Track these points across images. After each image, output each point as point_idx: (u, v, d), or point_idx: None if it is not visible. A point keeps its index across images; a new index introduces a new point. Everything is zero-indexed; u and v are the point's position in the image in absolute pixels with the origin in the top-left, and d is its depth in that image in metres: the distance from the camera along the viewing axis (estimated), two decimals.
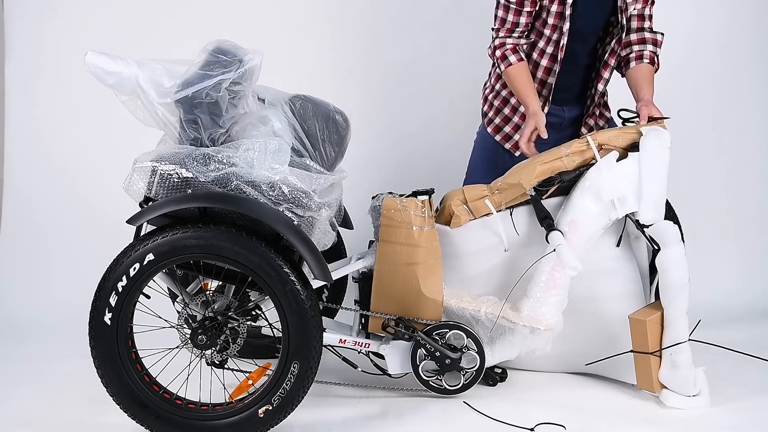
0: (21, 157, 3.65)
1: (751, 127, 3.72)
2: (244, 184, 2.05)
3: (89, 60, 2.05)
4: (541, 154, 2.44)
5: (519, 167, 2.47)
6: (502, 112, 2.78)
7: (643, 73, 2.58)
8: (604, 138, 2.39)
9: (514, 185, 2.41)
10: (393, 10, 3.65)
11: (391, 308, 2.37)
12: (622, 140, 2.39)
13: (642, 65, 2.59)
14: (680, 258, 2.32)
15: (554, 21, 2.56)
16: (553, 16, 2.55)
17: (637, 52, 2.62)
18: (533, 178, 2.39)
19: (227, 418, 2.08)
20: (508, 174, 2.47)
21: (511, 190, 2.41)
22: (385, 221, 2.36)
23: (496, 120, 2.80)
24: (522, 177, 2.40)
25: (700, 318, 2.45)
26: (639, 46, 2.63)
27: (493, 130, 2.80)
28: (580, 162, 2.39)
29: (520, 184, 2.39)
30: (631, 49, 2.63)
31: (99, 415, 2.28)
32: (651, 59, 2.61)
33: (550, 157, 2.40)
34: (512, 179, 2.42)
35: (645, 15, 2.63)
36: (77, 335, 2.48)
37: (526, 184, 2.38)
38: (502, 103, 2.78)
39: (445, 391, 2.39)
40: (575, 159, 2.39)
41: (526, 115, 2.57)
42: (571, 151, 2.39)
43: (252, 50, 2.10)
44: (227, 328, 2.14)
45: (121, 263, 2.02)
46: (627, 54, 2.64)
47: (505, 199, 2.43)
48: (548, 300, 2.33)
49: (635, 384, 2.42)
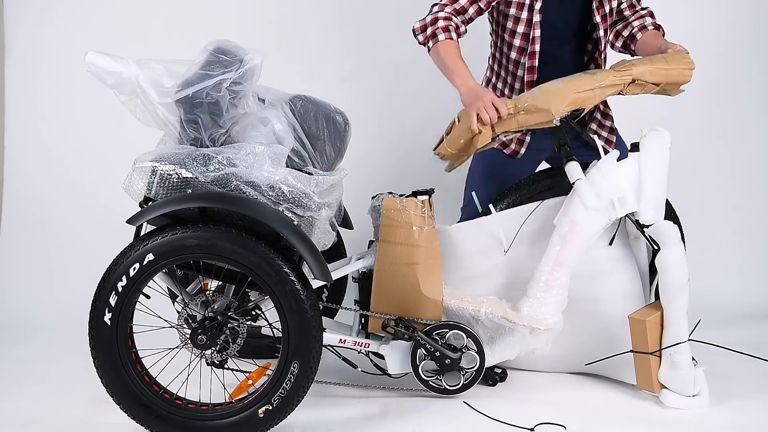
0: (21, 157, 3.65)
1: (751, 127, 3.72)
2: (243, 184, 2.05)
3: (89, 60, 2.06)
4: (575, 82, 2.35)
5: (551, 91, 2.34)
6: None
7: (653, 35, 2.61)
8: (638, 71, 2.34)
9: (542, 110, 2.31)
10: (393, 10, 3.65)
11: (391, 308, 2.37)
12: (655, 76, 2.36)
13: (648, 32, 2.63)
14: (680, 258, 2.32)
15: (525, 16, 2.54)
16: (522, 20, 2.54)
17: (639, 26, 2.66)
18: (564, 107, 2.31)
19: (227, 418, 2.08)
20: (537, 95, 2.35)
21: (539, 114, 2.32)
22: (385, 221, 2.36)
23: None
24: (552, 103, 2.31)
25: (700, 318, 2.45)
26: (638, 21, 2.67)
27: None
28: (608, 94, 2.35)
29: (549, 110, 2.30)
30: (632, 25, 2.66)
31: (99, 415, 2.28)
32: (655, 26, 2.65)
33: (583, 87, 2.33)
34: (541, 103, 2.32)
35: (633, 2, 2.69)
36: (77, 335, 2.48)
37: (555, 112, 2.30)
38: None
39: (445, 391, 2.39)
40: (606, 92, 2.34)
41: (461, 93, 2.41)
42: (605, 84, 2.33)
43: (252, 50, 2.10)
44: (227, 328, 2.14)
45: (121, 263, 2.02)
46: (630, 32, 2.66)
47: (528, 121, 2.34)
48: (548, 300, 2.33)
49: (635, 384, 2.42)
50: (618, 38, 2.71)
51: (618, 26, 2.70)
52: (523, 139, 2.70)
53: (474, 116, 2.34)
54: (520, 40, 2.57)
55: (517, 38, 2.57)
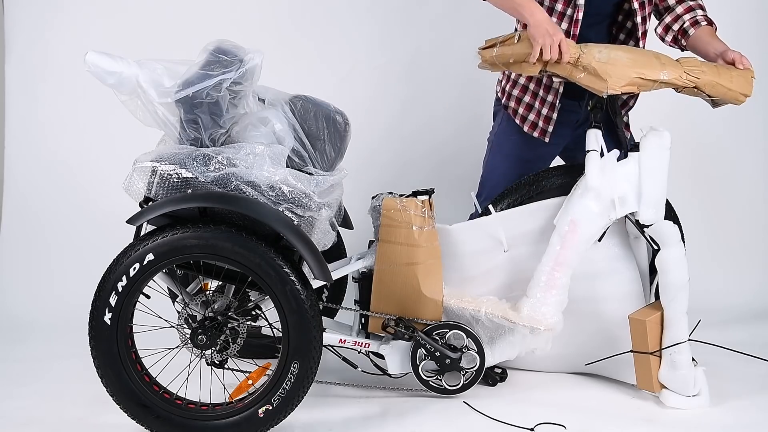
0: (21, 157, 3.65)
1: (751, 127, 3.72)
2: (243, 184, 2.05)
3: (89, 60, 2.05)
4: (642, 63, 2.28)
5: (617, 62, 2.27)
6: (523, 101, 2.69)
7: (707, 32, 2.54)
8: (704, 82, 2.28)
9: (600, 78, 2.27)
10: (393, 10, 3.65)
11: (391, 308, 2.37)
12: (715, 90, 2.31)
13: (701, 28, 2.55)
14: (680, 258, 2.32)
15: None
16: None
17: (691, 20, 2.56)
18: (621, 86, 2.27)
19: (227, 418, 2.08)
20: (603, 61, 2.28)
21: (595, 79, 2.28)
22: (385, 221, 2.36)
23: (520, 110, 2.70)
24: (612, 77, 2.26)
25: (700, 318, 2.45)
26: (689, 15, 2.57)
27: (520, 121, 2.71)
28: (664, 88, 2.31)
29: (606, 82, 2.26)
30: (683, 20, 2.57)
31: (99, 415, 2.28)
32: (708, 21, 2.57)
33: (647, 73, 2.27)
34: (603, 72, 2.26)
35: None
36: (77, 335, 2.48)
37: (611, 87, 2.26)
38: (521, 92, 2.69)
39: (445, 391, 2.39)
40: (664, 86, 2.30)
41: (531, 24, 2.33)
42: (668, 79, 2.28)
43: (252, 50, 2.10)
44: (227, 328, 2.14)
45: (121, 263, 2.02)
46: (681, 26, 2.58)
47: (581, 80, 2.30)
48: (548, 300, 2.33)
49: (635, 384, 2.42)
50: (668, 32, 2.61)
51: (667, 18, 2.60)
52: (550, 117, 2.63)
53: (537, 49, 2.30)
54: (556, 19, 2.52)
55: (554, 16, 2.51)
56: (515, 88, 2.72)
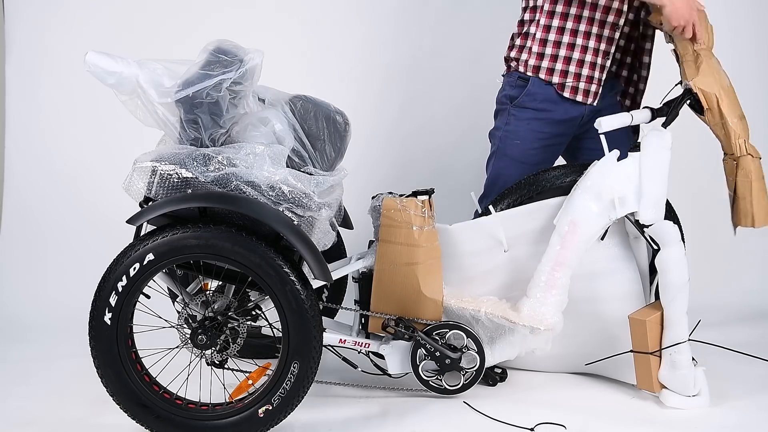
0: (21, 158, 3.65)
1: (751, 127, 3.71)
2: (244, 184, 2.05)
3: (89, 60, 2.05)
4: (724, 83, 2.37)
5: (713, 70, 2.37)
6: (559, 55, 2.56)
7: None
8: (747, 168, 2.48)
9: (691, 72, 2.36)
10: (393, 11, 3.65)
11: (391, 308, 2.37)
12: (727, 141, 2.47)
13: None
14: (680, 258, 2.32)
15: None
16: None
17: None
18: (701, 88, 2.36)
19: (227, 418, 2.08)
20: (709, 59, 2.39)
21: (688, 70, 2.38)
22: (385, 221, 2.36)
23: (558, 66, 2.56)
24: (701, 77, 2.35)
25: (700, 318, 2.45)
26: None
27: (560, 80, 2.56)
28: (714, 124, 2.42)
29: (690, 81, 2.35)
30: None
31: (99, 415, 2.28)
32: None
33: (724, 107, 2.39)
34: (700, 70, 2.36)
35: None
36: (77, 335, 2.48)
37: (693, 85, 2.35)
38: (555, 47, 2.55)
39: (445, 391, 2.39)
40: (718, 127, 2.43)
41: (665, 4, 2.36)
42: (730, 126, 2.42)
43: (252, 50, 2.10)
44: (227, 328, 2.14)
45: (121, 263, 2.02)
46: None
47: (683, 64, 2.40)
48: (548, 300, 2.33)
49: (635, 384, 2.42)
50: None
51: None
52: (604, 66, 2.60)
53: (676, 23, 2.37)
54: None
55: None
56: (547, 46, 2.56)
